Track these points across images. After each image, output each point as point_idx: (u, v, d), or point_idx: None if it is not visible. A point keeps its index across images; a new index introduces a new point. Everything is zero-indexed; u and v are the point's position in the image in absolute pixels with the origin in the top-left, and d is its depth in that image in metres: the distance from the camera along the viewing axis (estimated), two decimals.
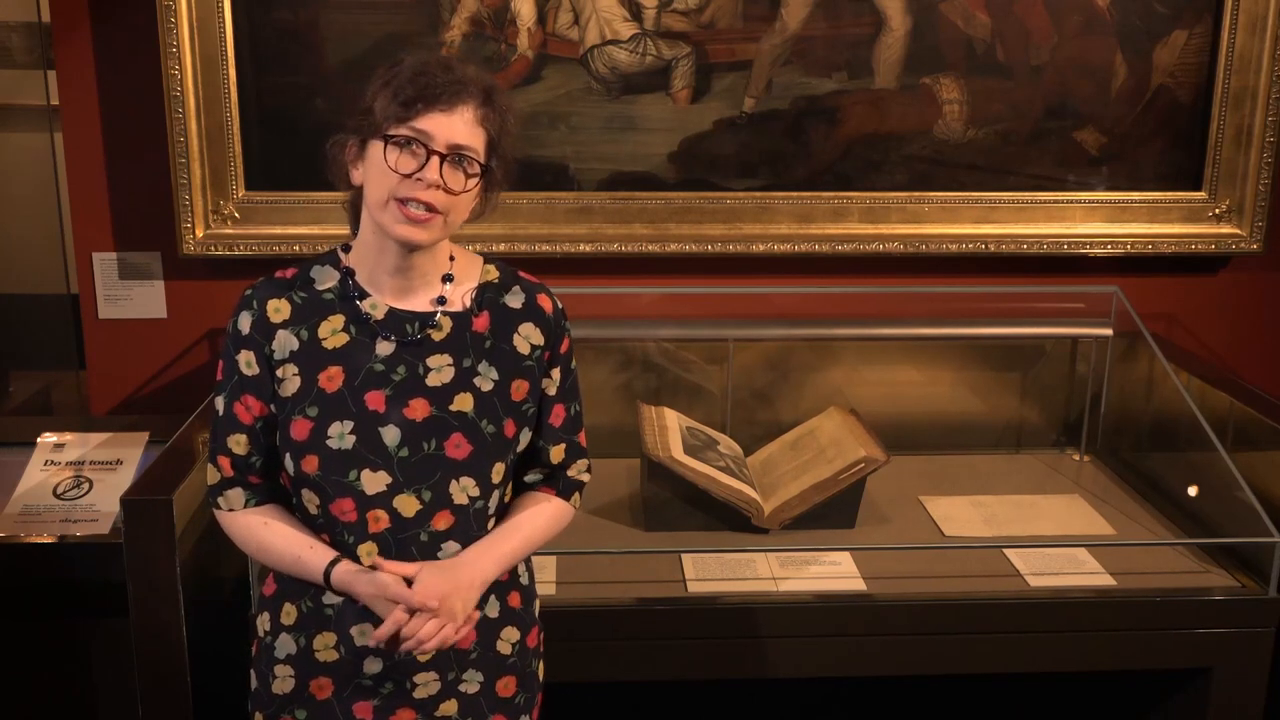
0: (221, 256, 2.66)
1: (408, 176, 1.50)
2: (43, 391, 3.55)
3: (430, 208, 1.52)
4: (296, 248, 2.66)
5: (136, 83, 2.60)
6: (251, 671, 1.71)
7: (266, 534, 1.62)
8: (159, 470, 2.09)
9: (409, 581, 1.56)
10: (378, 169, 1.52)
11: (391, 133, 1.51)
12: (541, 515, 1.70)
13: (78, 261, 2.74)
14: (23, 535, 2.28)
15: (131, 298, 2.74)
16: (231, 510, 1.64)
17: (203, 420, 2.31)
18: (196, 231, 2.64)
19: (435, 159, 1.50)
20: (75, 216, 2.71)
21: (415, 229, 1.53)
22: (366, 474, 1.57)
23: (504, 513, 1.70)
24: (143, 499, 1.97)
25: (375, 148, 1.52)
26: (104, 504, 2.34)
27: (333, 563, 1.58)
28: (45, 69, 3.54)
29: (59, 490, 2.38)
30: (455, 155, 1.52)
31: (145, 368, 2.78)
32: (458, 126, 1.51)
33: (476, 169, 1.54)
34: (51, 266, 3.67)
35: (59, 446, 2.48)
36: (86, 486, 2.40)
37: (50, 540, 2.27)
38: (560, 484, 1.74)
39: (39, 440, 2.49)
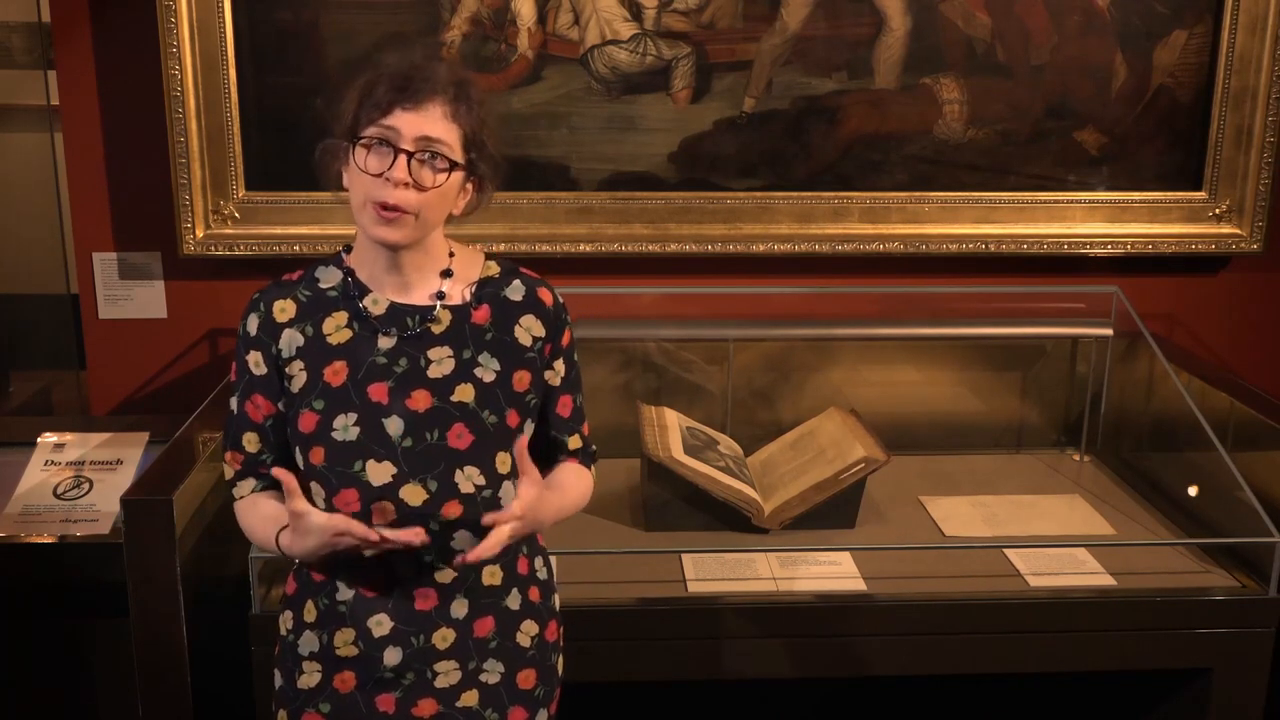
0: (222, 256, 2.66)
1: (377, 176, 1.53)
2: (43, 391, 3.54)
3: (399, 208, 1.54)
4: (297, 248, 2.66)
5: (136, 83, 2.60)
6: (275, 671, 1.73)
7: (249, 513, 1.68)
8: (159, 470, 2.09)
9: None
10: (353, 172, 1.57)
11: (362, 134, 1.54)
12: (582, 480, 1.77)
13: (78, 261, 2.74)
14: (23, 535, 2.28)
15: (132, 298, 2.74)
16: (241, 498, 1.70)
17: (203, 420, 2.31)
18: (196, 231, 2.64)
19: (403, 157, 1.53)
20: (75, 216, 2.71)
21: (389, 229, 1.56)
22: (371, 464, 1.59)
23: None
24: (143, 499, 1.98)
25: (351, 150, 1.56)
26: (104, 504, 2.34)
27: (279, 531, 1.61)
28: (45, 69, 3.54)
29: (59, 490, 2.38)
30: (424, 151, 1.54)
31: (145, 368, 2.78)
32: (425, 122, 1.54)
33: (446, 164, 1.56)
34: (51, 266, 3.67)
35: (59, 446, 2.48)
36: (86, 486, 2.39)
37: (50, 540, 2.27)
38: (580, 457, 1.80)
39: (39, 440, 2.49)
